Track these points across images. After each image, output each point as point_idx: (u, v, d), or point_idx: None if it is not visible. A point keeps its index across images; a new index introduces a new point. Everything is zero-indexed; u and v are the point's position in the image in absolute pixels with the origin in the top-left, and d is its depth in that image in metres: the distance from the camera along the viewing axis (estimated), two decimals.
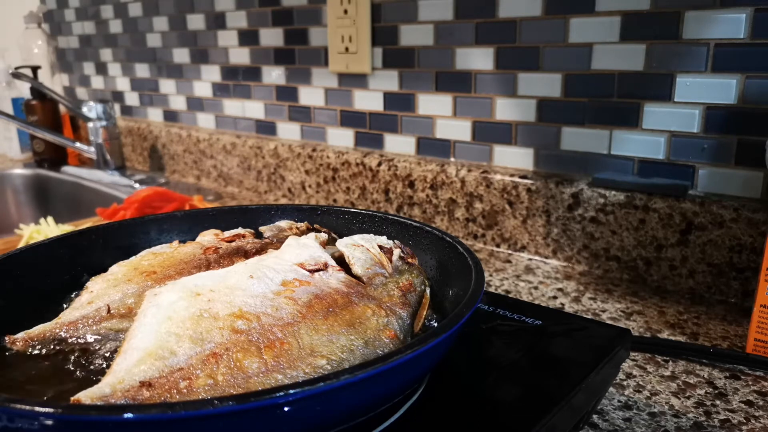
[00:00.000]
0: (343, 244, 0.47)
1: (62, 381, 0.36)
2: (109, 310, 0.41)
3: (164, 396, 0.30)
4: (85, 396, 0.30)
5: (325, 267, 0.43)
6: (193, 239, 0.54)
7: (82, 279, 0.48)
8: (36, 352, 0.39)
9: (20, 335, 0.39)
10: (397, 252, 0.48)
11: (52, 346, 0.39)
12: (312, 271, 0.42)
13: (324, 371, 0.34)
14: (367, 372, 0.29)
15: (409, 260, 0.48)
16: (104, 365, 0.37)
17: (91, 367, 0.37)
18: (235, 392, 0.31)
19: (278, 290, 0.39)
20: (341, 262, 0.46)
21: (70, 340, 0.40)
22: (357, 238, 0.49)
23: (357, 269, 0.45)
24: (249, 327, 0.35)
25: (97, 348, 0.39)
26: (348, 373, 0.28)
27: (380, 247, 0.48)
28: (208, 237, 0.53)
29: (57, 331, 0.40)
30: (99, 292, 0.43)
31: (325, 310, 0.38)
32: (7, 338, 0.39)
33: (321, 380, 0.28)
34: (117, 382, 0.31)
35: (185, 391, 0.31)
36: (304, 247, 0.45)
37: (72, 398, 0.30)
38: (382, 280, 0.44)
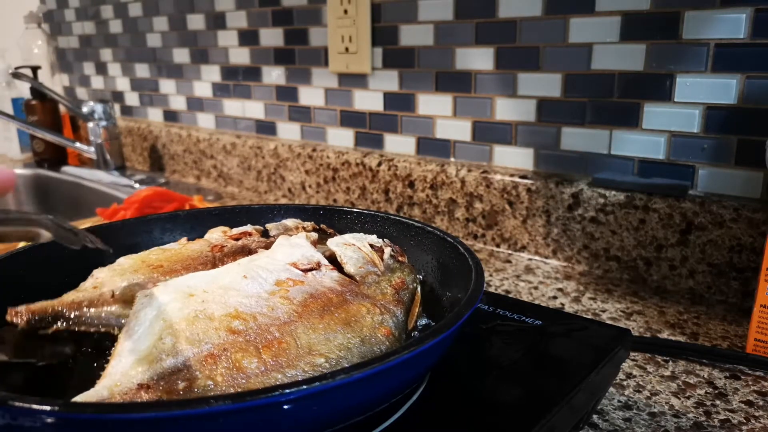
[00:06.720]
0: (334, 244, 0.47)
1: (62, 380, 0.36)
2: (113, 295, 0.40)
3: (163, 398, 0.30)
4: (83, 400, 0.30)
5: (318, 266, 0.43)
6: (195, 239, 0.54)
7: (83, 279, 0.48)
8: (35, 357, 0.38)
9: (21, 307, 0.38)
10: (387, 250, 0.48)
11: (52, 348, 0.39)
12: (305, 271, 0.42)
13: (323, 369, 0.34)
14: (364, 372, 0.29)
15: (400, 258, 0.48)
16: (104, 363, 0.37)
17: (89, 366, 0.37)
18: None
19: (272, 290, 0.39)
20: (333, 261, 0.46)
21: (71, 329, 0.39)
22: (348, 237, 0.49)
23: (349, 268, 0.45)
24: (246, 327, 0.35)
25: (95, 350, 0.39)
26: (344, 373, 0.28)
27: (371, 245, 0.48)
28: (216, 234, 0.53)
29: (59, 308, 0.39)
30: (104, 279, 0.43)
31: (321, 309, 0.38)
32: (9, 310, 0.38)
33: (317, 380, 0.28)
34: (114, 385, 0.30)
35: (184, 392, 0.31)
36: (296, 247, 0.45)
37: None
38: (375, 278, 0.44)
